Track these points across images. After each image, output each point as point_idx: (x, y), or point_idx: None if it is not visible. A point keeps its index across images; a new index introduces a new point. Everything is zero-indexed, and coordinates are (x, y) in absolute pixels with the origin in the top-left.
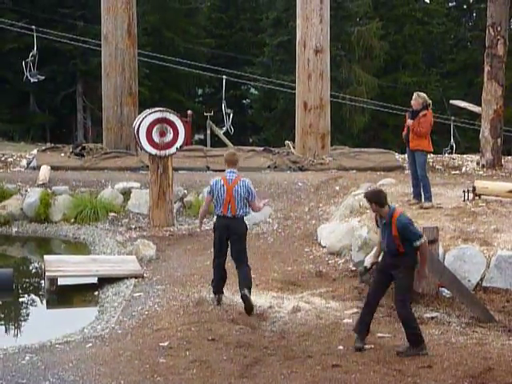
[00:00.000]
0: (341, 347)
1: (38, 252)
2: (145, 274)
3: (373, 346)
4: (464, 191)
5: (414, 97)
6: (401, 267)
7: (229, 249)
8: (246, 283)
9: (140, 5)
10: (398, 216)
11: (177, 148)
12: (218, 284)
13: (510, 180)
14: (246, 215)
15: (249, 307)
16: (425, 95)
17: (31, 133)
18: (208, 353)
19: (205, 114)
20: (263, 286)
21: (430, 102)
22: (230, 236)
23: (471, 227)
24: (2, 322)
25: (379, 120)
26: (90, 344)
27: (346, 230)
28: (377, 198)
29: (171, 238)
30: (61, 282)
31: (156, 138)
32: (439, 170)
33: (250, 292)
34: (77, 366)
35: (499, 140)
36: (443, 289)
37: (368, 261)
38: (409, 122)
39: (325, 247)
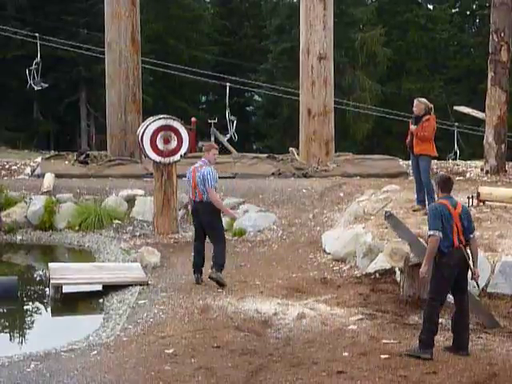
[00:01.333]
0: (346, 354)
1: (43, 260)
2: (149, 282)
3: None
4: (468, 197)
5: (415, 103)
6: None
7: None
8: (215, 263)
9: (144, 12)
10: (434, 203)
11: (181, 155)
12: (196, 265)
13: None
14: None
15: (219, 285)
16: (425, 100)
17: (35, 140)
18: (213, 360)
19: (209, 121)
20: (268, 292)
21: (432, 106)
22: (201, 219)
23: (475, 233)
24: (7, 330)
25: (383, 126)
26: (95, 351)
27: (351, 236)
28: (439, 182)
29: (176, 245)
30: (65, 289)
31: (160, 145)
32: None
33: (218, 270)
34: (82, 374)
35: (503, 146)
36: (448, 295)
37: None
38: (412, 127)
39: (329, 254)
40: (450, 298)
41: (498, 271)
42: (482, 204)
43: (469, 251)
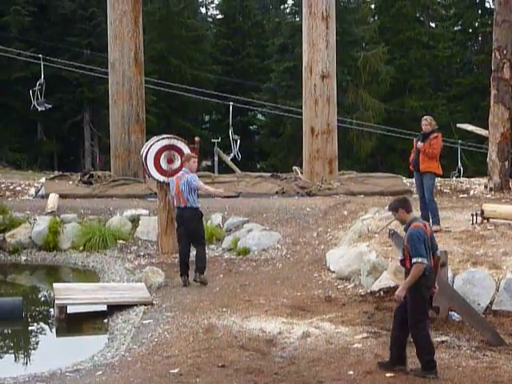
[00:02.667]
0: (351, 372)
1: (47, 280)
2: (154, 301)
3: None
4: (472, 214)
5: (424, 121)
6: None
7: None
8: (198, 267)
9: (147, 32)
10: (413, 226)
11: None
12: (182, 267)
13: None
14: (195, 205)
15: (204, 284)
16: (432, 118)
17: (39, 161)
18: (218, 379)
19: (212, 140)
20: (272, 311)
21: (436, 123)
22: (185, 224)
23: (480, 250)
24: (12, 351)
25: (386, 144)
26: (100, 372)
27: (355, 254)
28: (402, 203)
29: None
30: (70, 309)
31: (164, 164)
32: (447, 193)
33: (202, 272)
34: None
35: (507, 163)
36: (453, 312)
37: None
38: (419, 144)
39: (334, 272)
40: (456, 315)
41: (502, 288)
42: (486, 221)
43: None
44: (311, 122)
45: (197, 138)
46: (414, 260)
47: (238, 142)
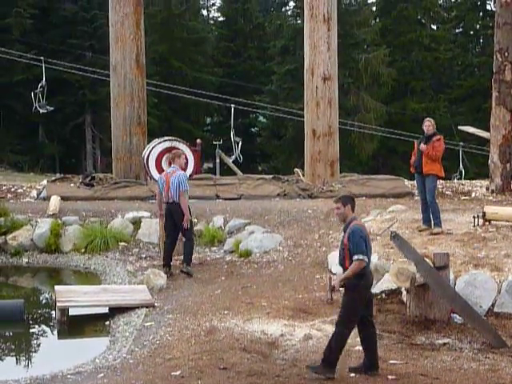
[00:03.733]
0: (352, 374)
1: (49, 282)
2: (156, 304)
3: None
4: (474, 217)
5: (426, 123)
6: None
7: None
8: (186, 259)
9: (148, 35)
10: (355, 224)
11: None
12: (166, 259)
13: None
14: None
15: (190, 276)
16: (433, 121)
17: (41, 163)
18: (220, 382)
19: (214, 142)
20: (274, 313)
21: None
22: (174, 217)
23: (482, 253)
24: (14, 353)
25: (388, 147)
26: (102, 374)
27: None
28: (351, 200)
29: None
30: (72, 312)
31: (165, 167)
32: (449, 195)
33: (188, 263)
34: None
35: (508, 165)
36: (455, 315)
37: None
38: (422, 146)
39: (335, 274)
40: (458, 317)
41: (504, 291)
42: (487, 223)
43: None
44: (313, 124)
45: (198, 141)
46: (355, 257)
47: (240, 144)
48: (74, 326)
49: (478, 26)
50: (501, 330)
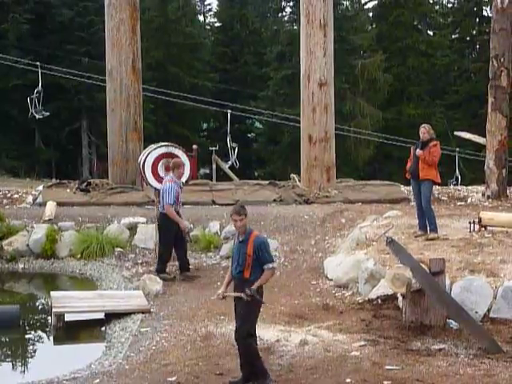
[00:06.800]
0: (349, 380)
1: (45, 288)
2: (152, 309)
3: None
4: (470, 222)
5: (422, 129)
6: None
7: None
8: (185, 266)
9: (144, 40)
10: (257, 235)
11: (182, 183)
12: (166, 265)
13: None
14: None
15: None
16: (430, 126)
17: (37, 169)
18: None
19: (210, 148)
20: (270, 319)
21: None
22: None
23: (477, 258)
24: (10, 359)
25: (384, 152)
26: (98, 380)
27: (353, 262)
28: (246, 211)
29: (177, 273)
30: (68, 317)
31: (162, 172)
32: (445, 201)
33: (187, 270)
34: None
35: (504, 171)
36: (450, 320)
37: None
38: (418, 152)
39: (331, 280)
40: (453, 323)
41: (500, 296)
42: (483, 229)
43: None
44: (309, 129)
45: (195, 146)
46: (269, 265)
47: (236, 149)
48: (70, 332)
49: (474, 32)
50: (496, 336)
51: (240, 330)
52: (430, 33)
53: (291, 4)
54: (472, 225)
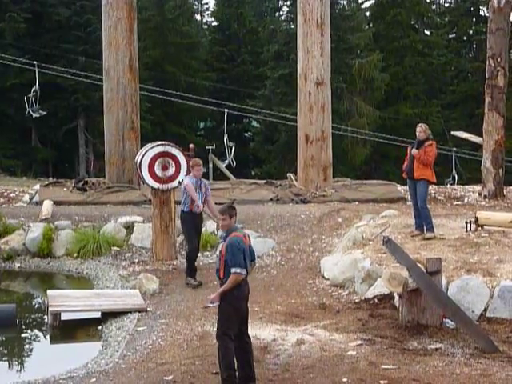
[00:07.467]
0: (345, 379)
1: (41, 287)
2: (148, 308)
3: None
4: (466, 222)
5: (418, 128)
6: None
7: None
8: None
9: (141, 39)
10: (233, 236)
11: (179, 182)
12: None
13: None
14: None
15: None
16: (427, 126)
17: (33, 168)
18: None
19: (207, 147)
20: (267, 318)
21: (430, 132)
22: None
23: (474, 258)
24: (6, 358)
25: (381, 152)
26: (94, 379)
27: (349, 261)
28: (233, 211)
29: (174, 272)
30: (64, 316)
31: (158, 171)
32: (441, 200)
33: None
34: None
35: (501, 170)
36: (447, 320)
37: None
38: (414, 151)
39: (328, 279)
40: (450, 322)
41: (496, 296)
42: (480, 229)
43: None
44: (306, 129)
45: (191, 145)
46: (233, 270)
47: (233, 148)
48: (67, 331)
49: (471, 32)
50: (493, 335)
51: (216, 329)
52: (427, 32)
53: (288, 3)
54: (469, 224)
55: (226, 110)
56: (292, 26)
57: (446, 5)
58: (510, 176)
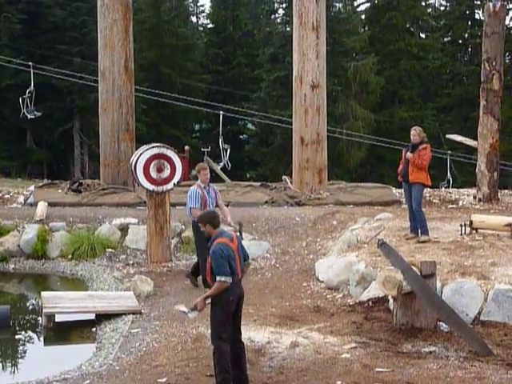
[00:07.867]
0: (339, 382)
1: (35, 288)
2: (142, 310)
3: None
4: (461, 225)
5: (413, 131)
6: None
7: None
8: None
9: (137, 41)
10: (216, 243)
11: (174, 184)
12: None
13: (507, 214)
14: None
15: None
16: (421, 129)
17: (28, 169)
18: None
19: (202, 149)
20: (261, 321)
21: (425, 135)
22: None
23: (468, 261)
24: (0, 360)
25: (376, 155)
26: (88, 381)
27: (344, 264)
28: (210, 218)
29: (169, 274)
30: (58, 318)
31: (153, 173)
32: (436, 204)
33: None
34: None
35: (495, 174)
36: (441, 323)
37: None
38: (408, 154)
39: (323, 282)
40: (444, 326)
41: (490, 299)
42: (474, 232)
43: None
44: (301, 131)
45: (187, 147)
46: (217, 278)
47: (228, 151)
48: (61, 333)
49: (466, 35)
50: (487, 339)
51: (211, 333)
52: (423, 36)
53: (284, 6)
54: (463, 227)
55: (221, 112)
56: (288, 29)
57: (442, 8)
58: (505, 179)
